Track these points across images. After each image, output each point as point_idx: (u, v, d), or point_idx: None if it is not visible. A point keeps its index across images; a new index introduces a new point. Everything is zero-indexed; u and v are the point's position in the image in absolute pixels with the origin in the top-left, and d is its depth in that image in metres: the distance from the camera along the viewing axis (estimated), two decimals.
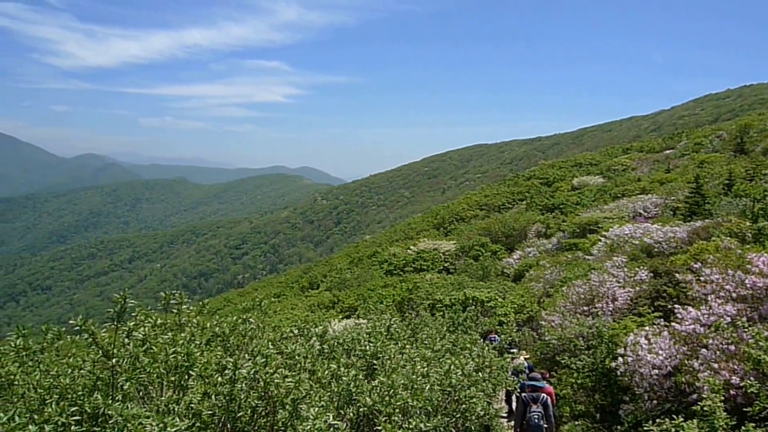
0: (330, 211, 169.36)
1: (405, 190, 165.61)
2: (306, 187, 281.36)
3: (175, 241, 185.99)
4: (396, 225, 67.95)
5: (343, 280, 32.64)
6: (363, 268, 35.46)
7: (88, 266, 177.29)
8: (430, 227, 45.32)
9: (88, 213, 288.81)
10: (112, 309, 3.48)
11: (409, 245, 36.01)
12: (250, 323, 4.07)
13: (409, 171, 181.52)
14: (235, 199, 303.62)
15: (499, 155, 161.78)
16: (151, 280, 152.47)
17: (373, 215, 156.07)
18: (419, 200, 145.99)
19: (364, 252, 43.47)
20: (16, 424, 2.65)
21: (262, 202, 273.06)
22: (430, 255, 32.70)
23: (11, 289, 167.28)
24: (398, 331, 6.08)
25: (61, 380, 3.17)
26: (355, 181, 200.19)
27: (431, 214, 53.23)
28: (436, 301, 18.40)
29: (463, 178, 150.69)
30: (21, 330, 3.55)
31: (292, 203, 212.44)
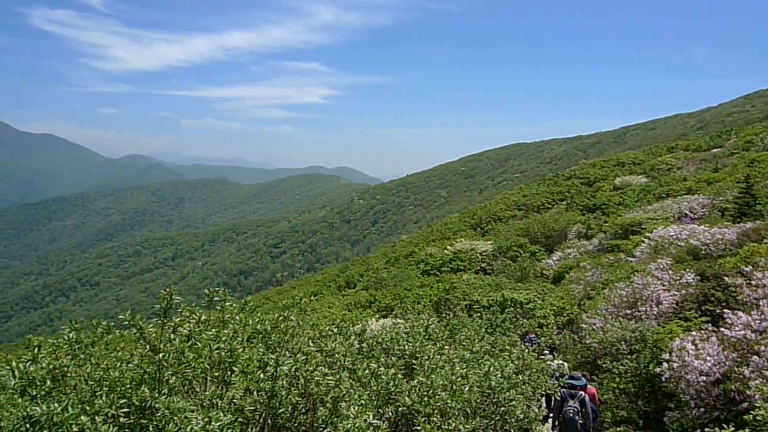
0: (367, 211, 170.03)
1: (442, 189, 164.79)
2: (343, 187, 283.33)
3: (216, 240, 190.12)
4: (432, 225, 67.70)
5: (380, 280, 32.71)
6: (399, 267, 35.46)
7: (134, 263, 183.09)
8: (467, 227, 44.97)
9: (133, 212, 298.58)
10: (157, 305, 3.59)
11: (446, 245, 35.80)
12: (291, 321, 4.13)
13: (445, 171, 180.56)
14: (274, 199, 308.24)
15: (538, 154, 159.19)
16: (193, 278, 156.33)
17: (409, 215, 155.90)
18: (456, 200, 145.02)
19: (400, 252, 43.47)
20: (69, 414, 2.77)
21: (300, 201, 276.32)
22: (467, 255, 32.45)
23: (62, 284, 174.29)
24: (436, 331, 6.07)
25: (110, 373, 3.29)
26: (391, 181, 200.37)
27: (468, 214, 52.81)
28: (474, 302, 18.26)
29: (500, 177, 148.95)
30: (74, 324, 3.69)
31: (330, 203, 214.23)
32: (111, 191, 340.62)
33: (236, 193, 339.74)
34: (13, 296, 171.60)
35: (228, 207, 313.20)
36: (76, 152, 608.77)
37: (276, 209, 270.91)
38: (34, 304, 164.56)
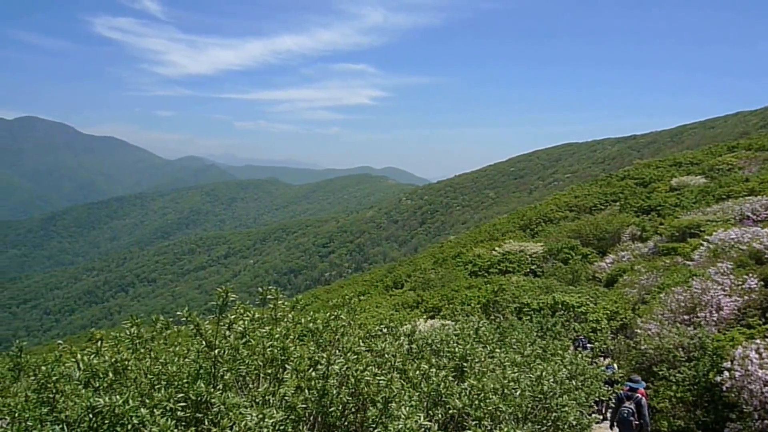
0: (414, 211, 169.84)
1: (490, 190, 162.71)
2: (391, 188, 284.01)
3: (267, 239, 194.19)
4: (481, 226, 66.91)
5: (427, 280, 32.58)
6: (447, 268, 35.21)
7: (189, 261, 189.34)
8: (516, 228, 44.19)
9: (188, 211, 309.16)
10: (210, 301, 3.68)
11: (494, 246, 35.30)
12: (342, 320, 4.16)
13: (494, 171, 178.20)
14: (323, 199, 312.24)
15: (591, 154, 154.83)
16: (245, 275, 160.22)
17: (457, 216, 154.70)
18: (505, 201, 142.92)
19: (448, 252, 43.16)
20: (130, 407, 2.88)
21: (349, 202, 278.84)
22: (516, 257, 31.90)
23: (121, 280, 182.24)
24: (486, 333, 5.98)
25: (168, 368, 3.40)
26: (439, 182, 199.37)
27: (517, 215, 51.89)
28: (523, 305, 17.93)
29: (551, 178, 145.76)
30: (134, 319, 3.83)
31: (377, 203, 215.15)
32: (168, 191, 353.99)
33: (286, 193, 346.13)
34: (76, 291, 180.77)
35: (278, 207, 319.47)
36: (135, 154, 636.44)
37: (325, 209, 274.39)
38: (95, 299, 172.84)
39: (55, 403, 3.68)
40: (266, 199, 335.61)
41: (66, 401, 3.83)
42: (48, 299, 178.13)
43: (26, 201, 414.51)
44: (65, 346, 5.02)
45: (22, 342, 4.73)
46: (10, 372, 4.46)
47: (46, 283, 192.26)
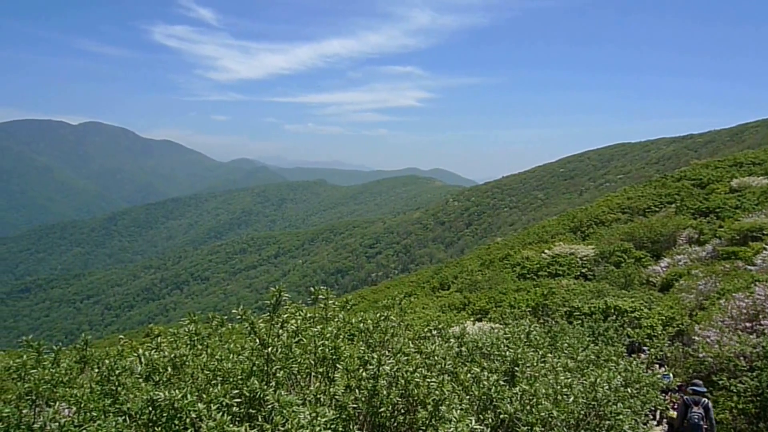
0: (461, 213, 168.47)
1: (539, 191, 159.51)
2: (437, 189, 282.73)
3: (315, 239, 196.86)
4: (529, 228, 65.72)
5: (474, 282, 32.27)
6: (494, 270, 34.77)
7: (240, 260, 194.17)
8: (566, 230, 43.18)
9: (240, 212, 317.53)
10: (260, 299, 3.76)
11: (544, 249, 34.60)
12: (392, 321, 4.17)
13: (543, 172, 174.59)
14: (370, 200, 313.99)
15: (644, 155, 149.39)
16: (294, 275, 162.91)
17: (505, 217, 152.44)
18: (554, 202, 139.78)
19: (495, 254, 42.61)
20: (188, 401, 2.99)
21: (395, 203, 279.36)
22: (566, 260, 31.18)
23: (177, 278, 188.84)
24: (537, 337, 5.86)
25: (223, 364, 3.51)
26: (487, 183, 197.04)
27: (567, 216, 50.68)
28: (574, 309, 17.50)
29: (602, 179, 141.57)
30: (192, 316, 3.96)
31: (424, 205, 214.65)
32: (221, 192, 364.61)
33: (334, 194, 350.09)
34: (135, 288, 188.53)
35: (326, 208, 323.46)
36: (190, 156, 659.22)
37: (372, 210, 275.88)
38: (152, 296, 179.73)
39: (117, 395, 3.85)
40: (314, 200, 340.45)
41: (127, 394, 4.01)
42: (109, 295, 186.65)
43: (90, 202, 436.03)
44: (126, 340, 5.23)
45: (87, 336, 4.97)
46: (76, 364, 4.69)
47: (107, 280, 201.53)
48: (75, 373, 4.56)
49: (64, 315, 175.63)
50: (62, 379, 4.32)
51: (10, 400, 4.37)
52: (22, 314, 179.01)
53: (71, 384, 4.37)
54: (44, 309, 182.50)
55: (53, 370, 4.38)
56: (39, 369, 4.39)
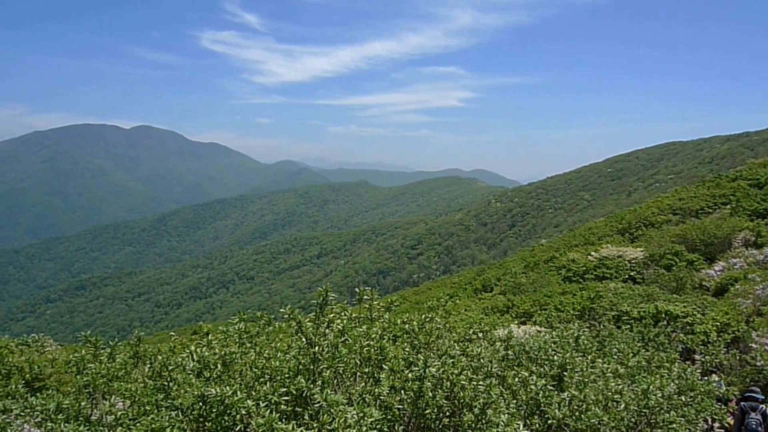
0: (504, 214, 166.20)
1: (585, 192, 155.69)
2: (480, 190, 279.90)
3: (357, 240, 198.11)
4: (575, 229, 64.24)
5: (518, 285, 31.78)
6: (539, 273, 34.15)
7: (284, 260, 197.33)
8: (613, 232, 41.99)
9: (284, 213, 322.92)
10: (302, 299, 3.82)
11: (590, 251, 33.75)
12: (437, 323, 4.15)
13: (589, 172, 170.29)
14: (412, 201, 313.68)
15: (696, 154, 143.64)
16: (336, 275, 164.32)
17: (549, 219, 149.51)
18: (601, 203, 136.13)
19: (540, 256, 41.84)
20: (238, 398, 3.06)
21: (437, 204, 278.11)
22: (613, 262, 30.30)
23: (223, 277, 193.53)
24: (585, 342, 5.72)
25: (271, 362, 3.57)
26: (530, 184, 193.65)
27: (615, 218, 49.26)
28: (622, 313, 16.99)
29: (652, 179, 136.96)
30: (242, 315, 4.05)
31: (466, 205, 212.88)
32: (265, 194, 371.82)
33: (376, 195, 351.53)
34: (183, 286, 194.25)
35: (368, 209, 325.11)
36: (236, 158, 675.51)
37: (413, 211, 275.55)
38: (199, 294, 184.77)
39: (169, 391, 3.98)
40: (357, 201, 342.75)
41: (179, 389, 4.13)
42: (158, 293, 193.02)
43: (141, 203, 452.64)
44: (177, 337, 5.41)
45: (140, 333, 5.16)
46: (130, 359, 4.86)
47: (157, 279, 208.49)
48: (129, 368, 4.74)
49: (117, 312, 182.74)
50: (117, 373, 4.49)
51: (70, 393, 4.57)
52: (78, 310, 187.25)
53: (126, 378, 4.54)
54: (98, 306, 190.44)
55: (109, 364, 4.56)
56: (96, 363, 4.58)
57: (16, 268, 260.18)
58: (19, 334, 21.67)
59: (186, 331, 39.45)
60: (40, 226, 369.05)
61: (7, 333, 19.37)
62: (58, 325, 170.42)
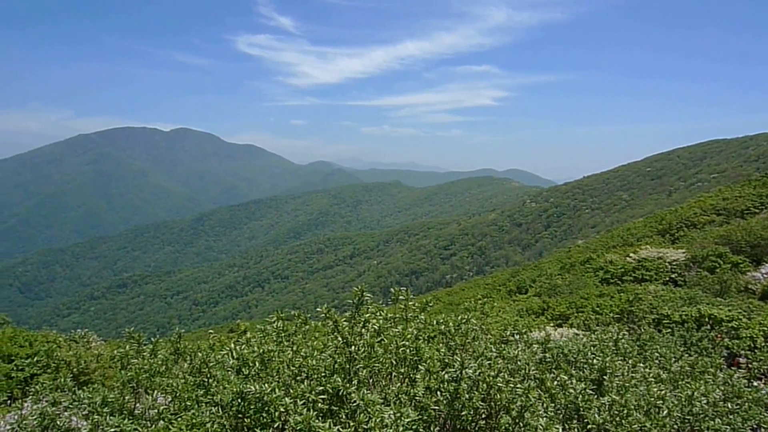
0: (539, 214, 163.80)
1: (623, 192, 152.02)
2: (514, 190, 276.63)
3: (390, 240, 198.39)
4: (613, 230, 62.84)
5: (554, 286, 31.29)
6: (575, 274, 33.54)
7: (317, 260, 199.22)
8: (653, 233, 40.93)
9: (318, 213, 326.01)
10: (336, 298, 3.85)
11: (629, 252, 32.97)
12: (473, 324, 4.12)
13: (628, 172, 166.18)
14: (445, 202, 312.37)
15: (742, 152, 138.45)
16: (369, 275, 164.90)
17: (586, 219, 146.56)
18: (640, 203, 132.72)
19: (576, 257, 41.10)
20: (276, 396, 3.11)
21: (470, 204, 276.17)
22: (653, 264, 29.51)
23: (258, 276, 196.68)
24: (626, 346, 5.58)
25: (308, 361, 3.62)
26: (566, 183, 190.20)
27: (655, 218, 48.00)
28: (663, 316, 16.52)
29: (694, 178, 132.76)
30: (280, 314, 4.11)
31: (500, 206, 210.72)
32: (299, 194, 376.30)
33: (409, 195, 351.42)
34: (220, 285, 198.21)
35: (401, 209, 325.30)
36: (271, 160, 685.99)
37: (446, 212, 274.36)
38: (236, 293, 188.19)
39: (209, 387, 4.07)
40: (389, 202, 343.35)
41: (218, 386, 4.22)
42: (196, 292, 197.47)
43: (179, 203, 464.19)
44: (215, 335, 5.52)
45: (180, 330, 5.29)
46: (171, 356, 4.99)
47: (194, 277, 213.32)
48: (170, 364, 4.87)
49: (156, 309, 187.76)
50: (159, 369, 4.62)
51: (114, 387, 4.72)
52: (120, 307, 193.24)
53: (167, 374, 4.67)
54: (139, 303, 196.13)
55: (151, 360, 4.69)
56: (139, 359, 4.73)
57: (62, 267, 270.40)
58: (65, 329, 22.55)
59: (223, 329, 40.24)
60: (84, 225, 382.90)
61: (54, 328, 20.54)
62: (102, 321, 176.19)
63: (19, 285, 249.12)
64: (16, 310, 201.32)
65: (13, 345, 9.61)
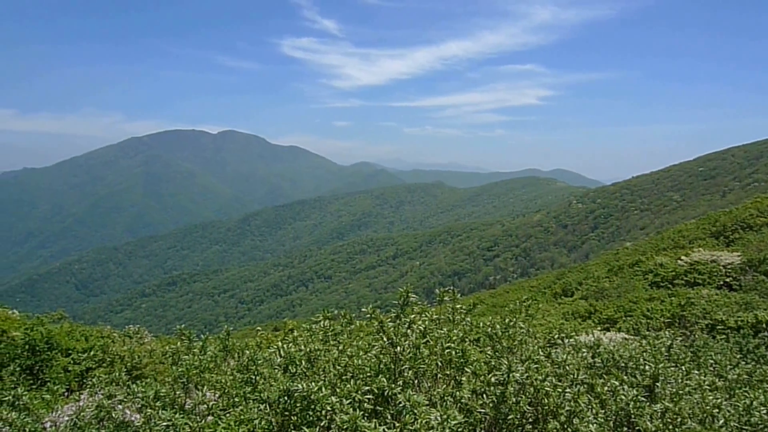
0: (586, 216, 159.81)
1: (674, 193, 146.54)
2: (559, 190, 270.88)
3: (433, 241, 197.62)
4: (663, 232, 60.67)
5: (601, 289, 30.49)
6: (623, 277, 32.58)
7: (360, 260, 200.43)
8: (706, 235, 39.28)
9: (360, 214, 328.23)
10: (378, 298, 3.87)
11: (680, 255, 31.75)
12: (521, 327, 4.07)
13: (679, 171, 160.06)
14: (488, 203, 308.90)
15: None
16: (411, 276, 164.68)
17: (634, 221, 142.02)
18: (692, 205, 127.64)
19: (624, 260, 39.88)
20: (323, 394, 3.15)
21: (514, 205, 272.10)
22: (706, 267, 28.32)
23: (302, 276, 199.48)
24: (679, 352, 5.39)
25: (354, 360, 3.65)
26: (614, 184, 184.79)
27: (708, 220, 46.06)
28: (717, 322, 15.86)
29: (750, 178, 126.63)
30: (326, 313, 4.17)
31: (545, 207, 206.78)
32: (342, 195, 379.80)
33: (451, 196, 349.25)
34: (265, 284, 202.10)
35: (444, 210, 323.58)
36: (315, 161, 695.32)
37: (490, 213, 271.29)
38: (280, 292, 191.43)
39: (256, 384, 4.16)
40: (432, 203, 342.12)
41: (265, 383, 4.31)
42: (242, 290, 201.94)
43: (227, 204, 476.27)
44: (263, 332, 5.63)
45: (229, 328, 5.43)
46: (220, 353, 5.13)
47: (241, 276, 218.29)
48: (219, 360, 5.00)
49: (204, 307, 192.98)
50: (208, 365, 4.75)
51: (165, 382, 4.89)
52: (170, 305, 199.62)
53: (216, 371, 4.80)
54: (187, 300, 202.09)
55: (201, 357, 4.83)
56: (190, 356, 4.87)
57: (115, 264, 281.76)
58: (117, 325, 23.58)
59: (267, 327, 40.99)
60: (136, 225, 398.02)
61: (108, 324, 21.57)
62: (152, 317, 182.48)
63: (76, 282, 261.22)
64: (73, 306, 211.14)
65: (70, 339, 10.06)
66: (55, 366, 8.95)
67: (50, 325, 10.52)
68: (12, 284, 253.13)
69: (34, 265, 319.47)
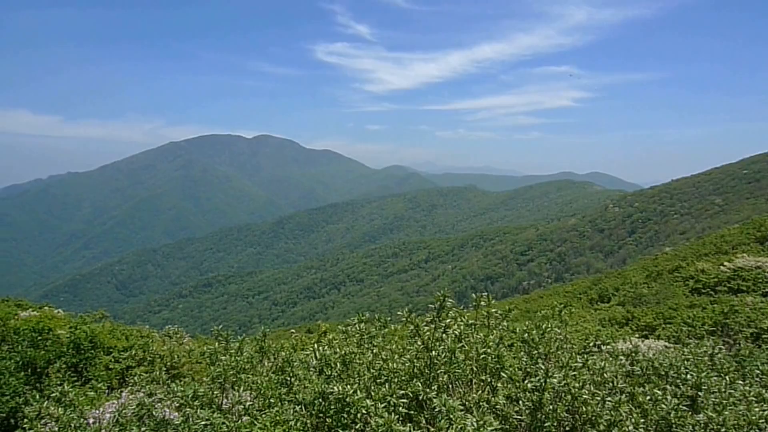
0: (623, 220, 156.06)
1: (716, 196, 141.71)
2: (596, 194, 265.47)
3: (465, 245, 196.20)
4: (704, 237, 58.78)
5: (639, 296, 29.75)
6: (663, 283, 31.72)
7: (392, 264, 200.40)
8: (751, 241, 37.89)
9: (393, 217, 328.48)
10: (410, 302, 3.86)
11: (723, 261, 30.73)
12: (557, 333, 4.01)
13: (721, 175, 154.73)
14: (522, 206, 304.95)
15: None
16: (443, 280, 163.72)
17: (674, 225, 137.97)
18: (735, 209, 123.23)
19: (663, 266, 38.82)
20: (358, 397, 3.17)
21: (549, 209, 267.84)
22: (750, 274, 27.33)
23: (334, 278, 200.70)
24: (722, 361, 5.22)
25: (388, 364, 3.66)
26: (653, 187, 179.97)
27: (753, 225, 44.41)
28: (763, 330, 15.32)
29: None
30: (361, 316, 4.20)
31: (581, 210, 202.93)
32: (375, 199, 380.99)
33: (484, 200, 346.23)
34: (298, 286, 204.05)
35: (476, 214, 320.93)
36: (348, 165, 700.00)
37: (523, 216, 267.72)
38: (313, 294, 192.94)
39: (291, 385, 4.21)
40: (465, 206, 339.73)
41: (300, 385, 4.36)
42: (276, 292, 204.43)
43: (261, 207, 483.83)
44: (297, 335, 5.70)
45: (265, 329, 5.51)
46: (256, 354, 5.21)
47: (274, 278, 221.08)
48: (255, 361, 5.08)
49: (239, 308, 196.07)
50: (245, 366, 4.83)
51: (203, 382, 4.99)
52: (205, 306, 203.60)
53: (252, 372, 4.88)
54: (222, 302, 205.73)
55: (238, 357, 4.92)
56: (227, 356, 4.97)
57: (154, 266, 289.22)
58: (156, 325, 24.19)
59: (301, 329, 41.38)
60: (174, 227, 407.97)
61: (147, 323, 22.19)
62: (188, 318, 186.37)
63: (116, 282, 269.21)
64: (113, 306, 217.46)
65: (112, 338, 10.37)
66: (97, 364, 9.23)
67: (93, 324, 10.87)
68: (57, 284, 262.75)
69: (77, 265, 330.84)
